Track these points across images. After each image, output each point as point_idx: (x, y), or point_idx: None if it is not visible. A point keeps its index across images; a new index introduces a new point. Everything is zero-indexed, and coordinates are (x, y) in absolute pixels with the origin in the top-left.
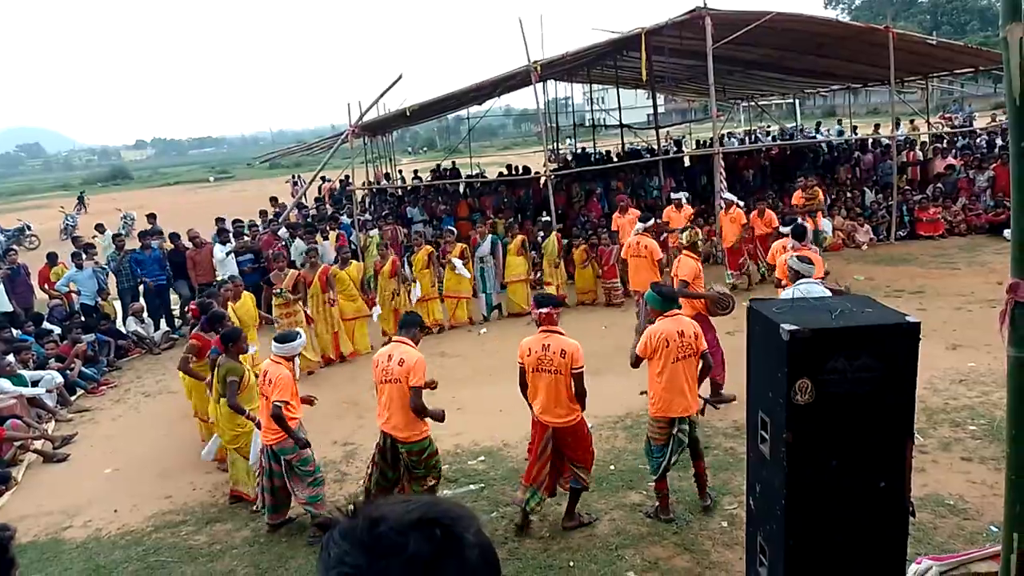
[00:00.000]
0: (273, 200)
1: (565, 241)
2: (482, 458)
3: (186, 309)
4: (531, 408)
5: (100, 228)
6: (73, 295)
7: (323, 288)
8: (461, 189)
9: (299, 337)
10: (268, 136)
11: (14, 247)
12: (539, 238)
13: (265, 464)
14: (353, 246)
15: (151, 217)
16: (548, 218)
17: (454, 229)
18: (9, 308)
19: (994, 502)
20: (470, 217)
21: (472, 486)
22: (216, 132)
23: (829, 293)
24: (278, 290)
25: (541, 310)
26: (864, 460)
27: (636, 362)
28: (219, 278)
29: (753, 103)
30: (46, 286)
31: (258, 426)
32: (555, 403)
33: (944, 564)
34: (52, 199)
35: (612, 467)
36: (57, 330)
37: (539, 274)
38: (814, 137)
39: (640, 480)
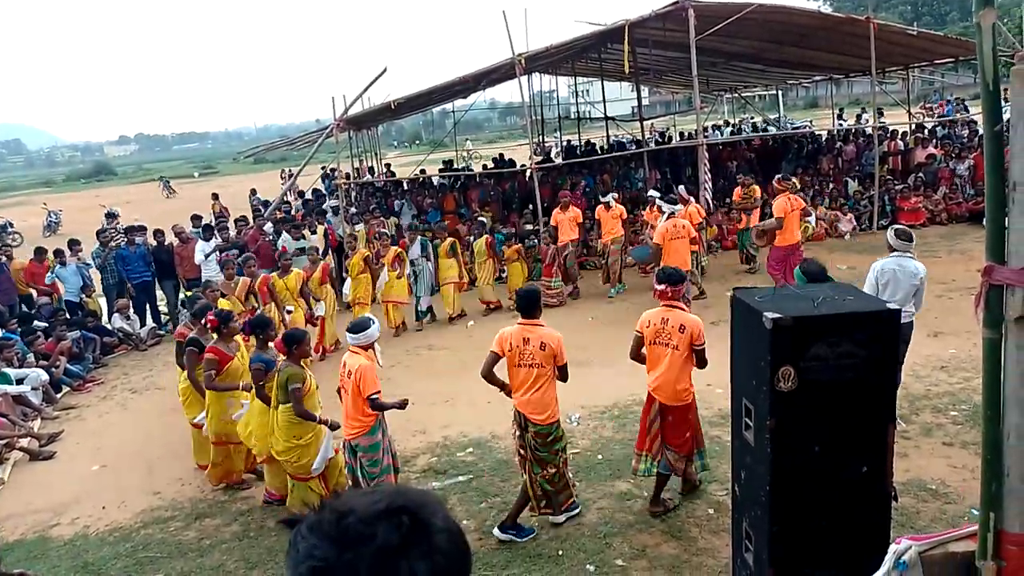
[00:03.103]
0: (252, 192)
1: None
2: (471, 449)
3: (200, 320)
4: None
5: None
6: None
7: (263, 299)
8: (447, 183)
9: (373, 323)
10: (252, 131)
11: None
12: (471, 238)
13: (349, 460)
14: (340, 239)
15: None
16: (526, 213)
17: (388, 233)
18: None
19: (975, 486)
20: (457, 211)
21: (461, 477)
22: (200, 127)
23: (922, 270)
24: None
25: (659, 286)
26: (847, 446)
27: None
28: (203, 276)
29: (736, 94)
30: (34, 282)
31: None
32: (671, 380)
33: (923, 544)
34: (34, 195)
35: (599, 456)
36: (43, 326)
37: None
38: (799, 128)
39: (627, 469)
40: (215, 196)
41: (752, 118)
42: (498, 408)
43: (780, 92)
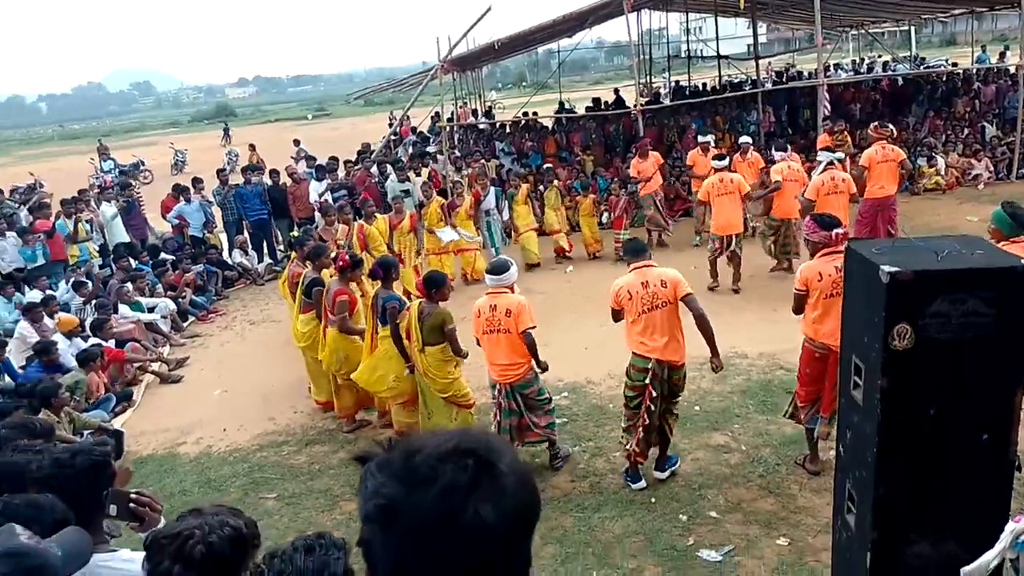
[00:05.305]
0: (296, 142)
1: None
2: (566, 394)
3: (330, 256)
4: (812, 342)
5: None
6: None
7: (361, 246)
8: (549, 125)
9: (513, 265)
10: (362, 73)
11: (131, 181)
12: (542, 187)
13: (504, 404)
14: (444, 184)
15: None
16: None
17: (430, 184)
18: (127, 239)
19: None
20: (558, 154)
21: (556, 420)
22: (313, 70)
23: None
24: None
25: (837, 231)
26: (967, 410)
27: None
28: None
29: (863, 31)
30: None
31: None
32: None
33: None
34: (163, 135)
35: (697, 408)
36: (171, 259)
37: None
38: (932, 67)
39: (725, 421)
40: (252, 147)
41: (880, 56)
42: (594, 355)
43: (913, 28)
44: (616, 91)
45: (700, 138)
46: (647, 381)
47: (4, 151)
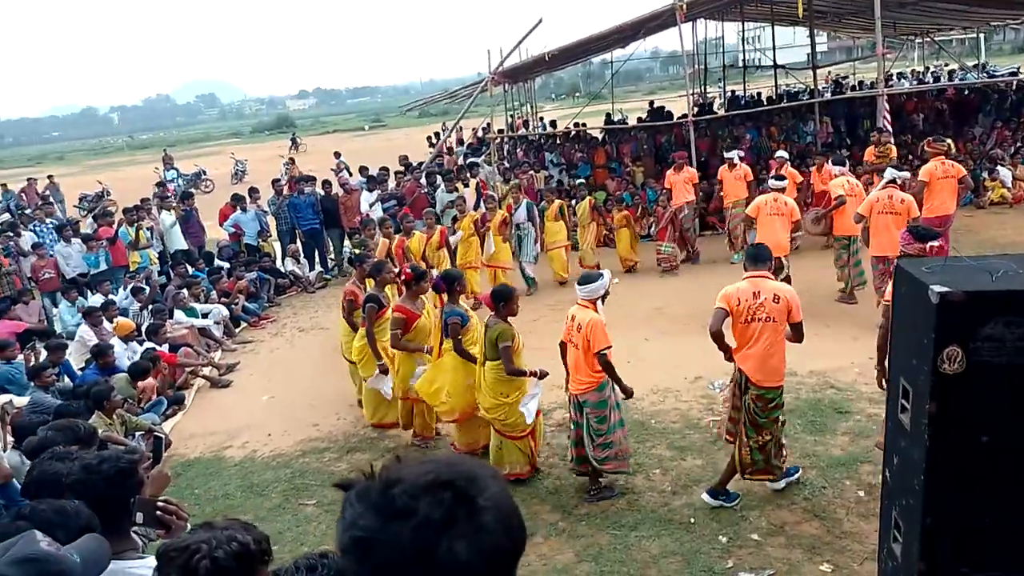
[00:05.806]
0: (337, 154)
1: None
2: None
3: (395, 274)
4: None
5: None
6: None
7: (399, 262)
8: (599, 136)
9: (602, 278)
10: (418, 85)
11: (191, 191)
12: (575, 201)
13: (573, 415)
14: (492, 193)
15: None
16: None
17: (465, 197)
18: (185, 246)
19: None
20: (607, 165)
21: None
22: (371, 82)
23: None
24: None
25: (932, 243)
26: (1021, 439)
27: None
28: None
29: (929, 39)
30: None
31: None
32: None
33: None
34: (225, 146)
35: None
36: (227, 266)
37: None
38: (1000, 76)
39: None
40: (292, 160)
41: (946, 65)
42: (637, 368)
43: (982, 35)
44: (651, 103)
45: (726, 154)
46: (732, 386)
47: (75, 161)
